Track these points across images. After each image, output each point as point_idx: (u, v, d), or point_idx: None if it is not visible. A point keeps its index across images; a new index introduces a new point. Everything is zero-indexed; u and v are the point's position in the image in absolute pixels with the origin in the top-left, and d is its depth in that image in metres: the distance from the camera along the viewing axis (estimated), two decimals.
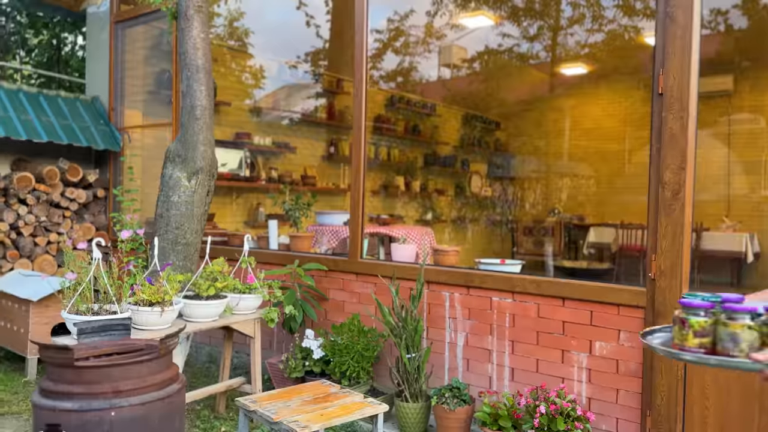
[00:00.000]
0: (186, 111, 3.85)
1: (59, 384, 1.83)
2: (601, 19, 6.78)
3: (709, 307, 1.53)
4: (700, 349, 1.50)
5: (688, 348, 1.52)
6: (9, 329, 4.56)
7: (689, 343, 1.53)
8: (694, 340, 1.52)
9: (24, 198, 5.12)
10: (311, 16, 5.91)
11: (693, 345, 1.52)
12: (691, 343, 1.52)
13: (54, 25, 8.19)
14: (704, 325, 1.51)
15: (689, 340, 1.52)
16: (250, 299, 3.51)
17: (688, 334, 1.53)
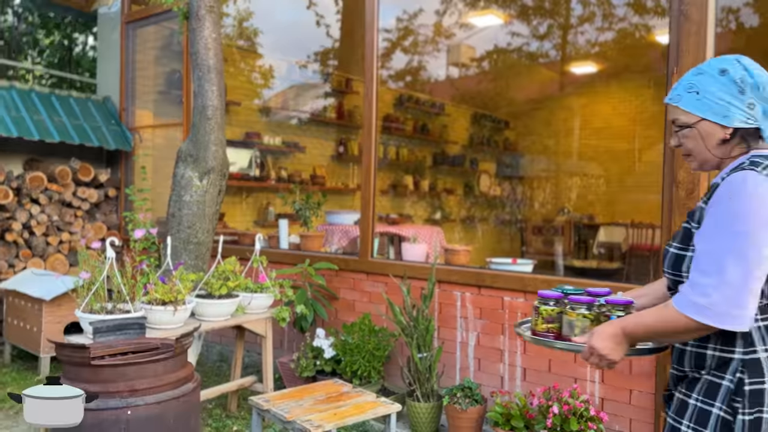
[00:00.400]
0: (197, 111, 3.87)
1: (75, 383, 1.84)
2: (612, 18, 6.75)
3: (558, 297, 1.72)
4: (548, 333, 1.70)
5: (539, 332, 1.72)
6: (22, 328, 4.60)
7: (539, 327, 1.74)
8: (543, 325, 1.72)
9: (36, 197, 5.15)
10: (321, 16, 5.91)
11: (542, 329, 1.73)
12: (541, 327, 1.73)
13: (65, 26, 8.24)
14: (551, 313, 1.70)
15: (539, 325, 1.73)
16: (262, 298, 3.52)
17: (538, 320, 1.74)
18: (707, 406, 1.43)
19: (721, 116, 1.45)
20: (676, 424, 1.48)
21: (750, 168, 1.38)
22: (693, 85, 1.48)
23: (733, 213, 1.35)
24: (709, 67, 1.48)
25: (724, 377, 1.42)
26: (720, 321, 1.33)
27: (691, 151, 1.52)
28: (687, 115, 1.48)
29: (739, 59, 1.47)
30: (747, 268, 1.33)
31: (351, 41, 6.86)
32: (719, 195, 1.39)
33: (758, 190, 1.34)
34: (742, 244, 1.33)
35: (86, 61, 8.56)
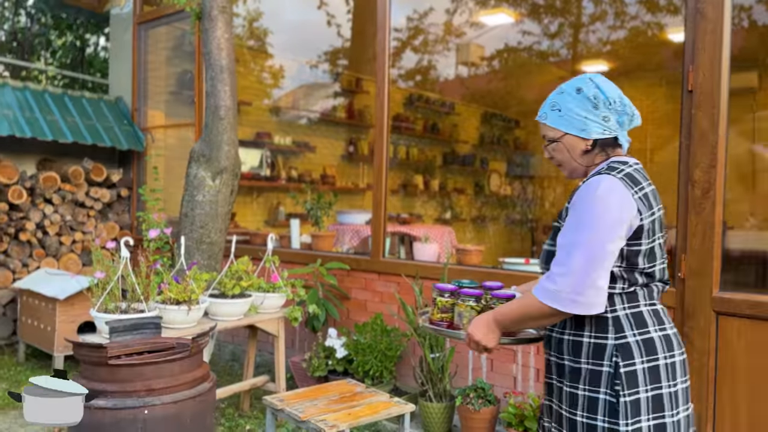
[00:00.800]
0: (210, 111, 3.88)
1: (93, 382, 1.85)
2: (624, 16, 6.70)
3: (453, 290, 1.87)
4: (442, 322, 1.86)
5: (435, 321, 1.88)
6: (36, 327, 4.63)
7: (435, 317, 1.89)
8: (438, 315, 1.88)
9: (50, 197, 5.19)
10: (332, 15, 5.91)
11: (437, 318, 1.88)
12: (436, 317, 1.88)
13: (78, 27, 8.29)
14: (446, 303, 1.86)
15: (435, 314, 1.89)
16: (274, 298, 3.52)
17: (434, 310, 1.89)
18: (594, 394, 1.56)
19: (580, 130, 1.62)
20: (571, 416, 1.59)
21: (606, 172, 1.56)
22: (555, 103, 1.66)
23: (585, 212, 1.52)
24: (568, 86, 1.66)
25: (603, 363, 1.56)
26: (564, 305, 1.50)
27: (561, 162, 1.69)
28: (553, 130, 1.66)
29: (592, 78, 1.65)
30: (590, 261, 1.49)
31: (362, 41, 6.85)
32: (577, 196, 1.56)
33: (608, 193, 1.52)
34: (588, 239, 1.49)
35: (98, 62, 8.61)
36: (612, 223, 1.51)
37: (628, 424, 1.52)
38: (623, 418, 1.52)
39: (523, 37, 7.07)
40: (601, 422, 1.54)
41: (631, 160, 1.64)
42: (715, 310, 2.83)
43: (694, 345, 2.87)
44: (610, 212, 1.51)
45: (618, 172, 1.57)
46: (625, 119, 1.65)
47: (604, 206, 1.51)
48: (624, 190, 1.53)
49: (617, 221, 1.52)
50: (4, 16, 8.31)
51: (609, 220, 1.51)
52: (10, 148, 5.35)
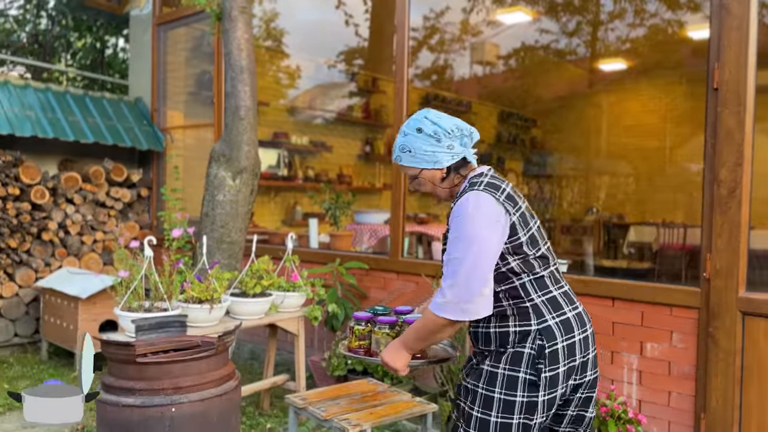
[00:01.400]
0: (230, 111, 3.90)
1: (121, 380, 1.87)
2: (643, 14, 6.63)
3: (368, 318, 2.03)
4: (359, 349, 2.01)
5: (353, 348, 2.02)
6: (58, 325, 4.69)
7: (353, 344, 2.03)
8: (356, 342, 2.02)
9: (71, 197, 5.25)
10: (350, 15, 5.91)
11: (355, 346, 2.02)
12: (354, 344, 2.02)
13: (97, 28, 8.38)
14: (363, 332, 2.01)
15: (353, 342, 2.02)
16: (295, 297, 3.54)
17: (352, 338, 2.03)
18: (515, 373, 1.73)
19: (433, 163, 1.81)
20: (489, 393, 1.75)
21: (470, 190, 1.74)
22: (404, 146, 1.83)
23: (461, 229, 1.69)
24: (409, 128, 1.83)
25: (525, 346, 1.74)
26: (456, 315, 1.67)
27: (429, 192, 1.90)
28: (411, 169, 1.85)
29: (427, 116, 1.82)
30: (471, 273, 1.66)
31: (379, 40, 6.85)
32: (452, 216, 1.74)
33: (476, 209, 1.69)
34: (467, 253, 1.66)
35: (117, 63, 8.70)
36: (487, 235, 1.68)
37: (546, 394, 1.73)
38: (542, 390, 1.72)
39: (541, 35, 7.03)
40: (521, 397, 1.72)
41: (484, 169, 1.84)
42: (741, 311, 2.79)
43: (720, 345, 2.83)
44: (482, 225, 1.68)
45: (479, 185, 1.74)
46: (466, 140, 1.83)
47: (475, 221, 1.68)
48: (489, 199, 1.71)
49: (492, 230, 1.69)
50: (26, 19, 8.43)
51: (483, 233, 1.68)
52: (32, 149, 5.42)
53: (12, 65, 8.26)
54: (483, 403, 1.75)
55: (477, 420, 1.75)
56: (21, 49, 8.28)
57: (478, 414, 1.75)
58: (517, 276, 1.74)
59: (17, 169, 4.96)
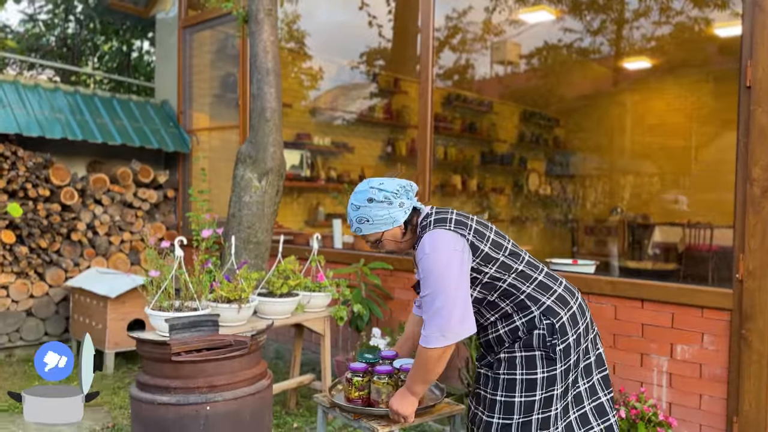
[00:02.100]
0: (256, 113, 3.94)
1: (157, 378, 1.90)
2: (669, 11, 6.55)
3: (365, 369, 2.14)
4: (358, 400, 2.11)
5: (353, 399, 2.12)
6: (87, 324, 4.77)
7: (353, 395, 2.13)
8: (356, 393, 2.12)
9: (99, 198, 5.34)
10: (373, 17, 5.93)
11: (355, 396, 2.13)
12: (354, 395, 2.13)
13: (124, 32, 8.51)
14: (362, 382, 2.13)
15: (353, 393, 2.12)
16: (320, 297, 3.55)
17: (352, 389, 2.14)
18: (531, 352, 1.91)
19: (391, 223, 1.98)
20: (510, 376, 1.91)
21: (423, 233, 1.92)
22: (361, 218, 1.98)
23: (427, 269, 1.87)
24: (359, 201, 1.98)
25: (536, 327, 1.92)
26: (444, 341, 1.83)
27: (393, 249, 2.05)
28: (374, 234, 2.00)
29: (371, 185, 1.98)
30: (444, 301, 1.82)
31: (401, 41, 6.86)
32: (417, 259, 1.94)
33: (432, 248, 1.87)
34: (435, 286, 1.84)
35: (142, 66, 8.83)
36: (448, 265, 1.85)
37: (563, 365, 1.90)
38: (559, 362, 1.89)
39: (564, 34, 6.98)
40: (542, 373, 1.89)
41: (427, 209, 2.02)
42: None
43: (753, 347, 2.79)
44: (442, 259, 1.85)
45: (430, 225, 1.93)
46: (411, 193, 2.02)
47: (436, 257, 1.86)
48: (442, 233, 1.89)
49: (452, 258, 1.86)
50: (55, 23, 8.59)
51: (445, 265, 1.85)
52: (61, 151, 5.52)
53: (41, 68, 8.43)
54: (506, 387, 1.91)
55: (501, 404, 1.92)
56: (50, 53, 8.44)
57: (502, 398, 1.92)
58: (501, 280, 1.93)
59: (47, 170, 5.06)
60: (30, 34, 8.59)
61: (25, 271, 4.95)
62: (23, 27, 8.76)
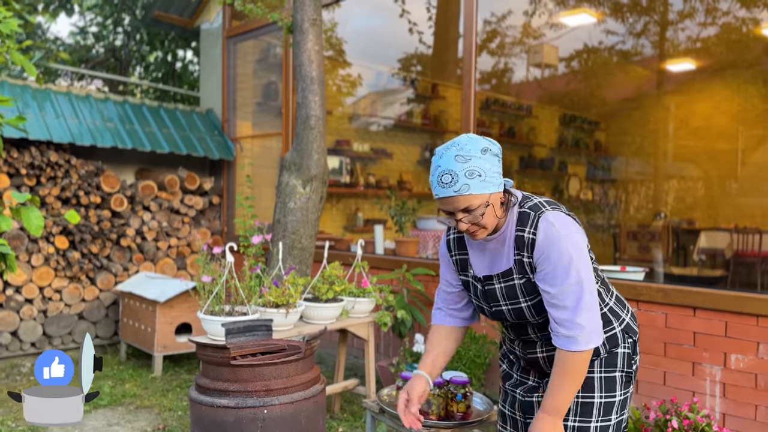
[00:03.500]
0: (301, 121, 4.00)
1: (216, 381, 1.95)
2: (715, 12, 6.40)
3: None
4: None
5: None
6: (137, 328, 4.90)
7: None
8: None
9: (148, 205, 5.50)
10: (414, 23, 5.97)
11: None
12: None
13: (169, 42, 8.75)
14: None
15: None
16: (365, 303, 3.59)
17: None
18: (611, 374, 1.74)
19: (498, 185, 1.64)
20: (587, 400, 1.72)
21: (541, 211, 1.65)
22: (472, 170, 1.60)
23: (565, 248, 1.60)
24: (470, 152, 1.61)
25: (618, 347, 1.75)
26: (597, 340, 1.61)
27: (486, 224, 1.66)
28: (479, 197, 1.61)
29: (482, 137, 1.66)
30: (591, 292, 1.60)
31: (440, 46, 6.87)
32: (544, 245, 1.62)
33: (567, 231, 1.62)
34: (579, 276, 1.59)
35: (187, 75, 9.06)
36: (584, 253, 1.63)
37: (633, 386, 1.79)
38: (633, 383, 1.78)
39: (607, 36, 6.88)
40: (619, 396, 1.74)
41: (520, 192, 1.74)
42: None
43: None
44: (580, 245, 1.62)
45: (547, 205, 1.67)
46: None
47: (575, 241, 1.61)
48: (570, 219, 1.66)
49: (584, 247, 1.64)
50: (103, 35, 8.90)
51: (582, 252, 1.62)
52: (111, 159, 5.71)
53: (90, 79, 8.73)
54: (580, 412, 1.71)
55: (575, 429, 1.71)
56: (99, 64, 8.74)
57: (575, 423, 1.70)
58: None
59: (98, 178, 5.24)
60: (81, 46, 8.92)
61: (78, 276, 5.12)
62: (73, 39, 9.10)
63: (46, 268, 4.93)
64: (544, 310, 1.68)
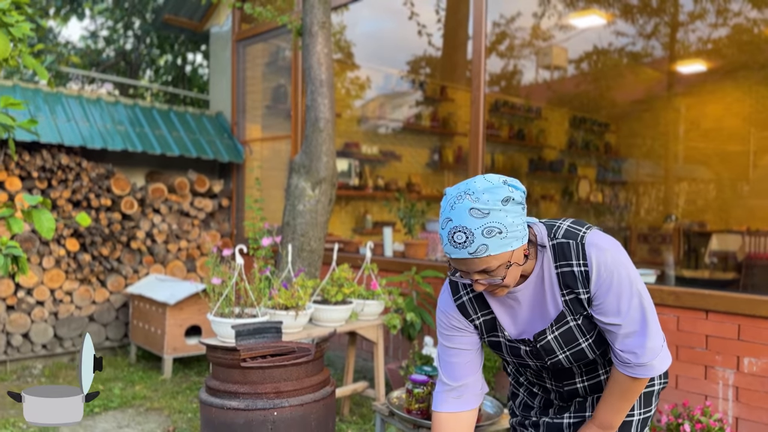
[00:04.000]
0: (310, 123, 4.01)
1: (226, 383, 1.95)
2: (726, 13, 6.36)
3: (425, 381, 2.17)
4: (418, 412, 2.16)
5: (413, 410, 2.17)
6: (147, 330, 4.92)
7: (413, 407, 2.17)
8: (415, 405, 2.18)
9: (158, 208, 5.52)
10: (423, 26, 5.97)
11: (415, 408, 2.18)
12: (414, 407, 2.17)
13: (179, 46, 8.81)
14: (422, 394, 2.17)
15: (413, 405, 2.17)
16: (374, 305, 3.58)
17: (412, 401, 2.18)
18: (648, 414, 1.68)
19: (522, 238, 1.42)
20: (629, 417, 1.64)
21: (581, 240, 1.47)
22: (492, 228, 1.36)
23: (615, 268, 1.45)
24: (488, 204, 1.37)
25: (654, 383, 1.68)
26: (665, 364, 1.53)
27: (509, 283, 1.45)
28: (499, 257, 1.39)
29: (506, 181, 1.42)
30: (652, 313, 1.49)
31: (449, 49, 6.87)
32: (606, 274, 1.45)
33: (615, 249, 1.48)
34: (638, 298, 1.47)
35: (196, 79, 9.11)
36: (634, 268, 1.51)
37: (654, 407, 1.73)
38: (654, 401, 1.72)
39: (616, 38, 6.86)
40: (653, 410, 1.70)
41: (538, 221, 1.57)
42: None
43: None
44: (629, 262, 1.50)
45: (585, 228, 1.51)
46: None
47: (622, 259, 1.47)
48: (609, 236, 1.52)
49: (631, 262, 1.52)
50: (114, 39, 8.97)
51: (633, 268, 1.49)
52: (121, 162, 5.74)
53: (101, 83, 8.80)
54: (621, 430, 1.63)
55: None
56: (109, 68, 8.81)
57: None
58: None
59: (109, 181, 5.27)
60: (91, 49, 8.99)
61: (88, 278, 5.15)
62: (84, 43, 9.18)
63: (57, 270, 4.96)
64: (603, 343, 1.55)
